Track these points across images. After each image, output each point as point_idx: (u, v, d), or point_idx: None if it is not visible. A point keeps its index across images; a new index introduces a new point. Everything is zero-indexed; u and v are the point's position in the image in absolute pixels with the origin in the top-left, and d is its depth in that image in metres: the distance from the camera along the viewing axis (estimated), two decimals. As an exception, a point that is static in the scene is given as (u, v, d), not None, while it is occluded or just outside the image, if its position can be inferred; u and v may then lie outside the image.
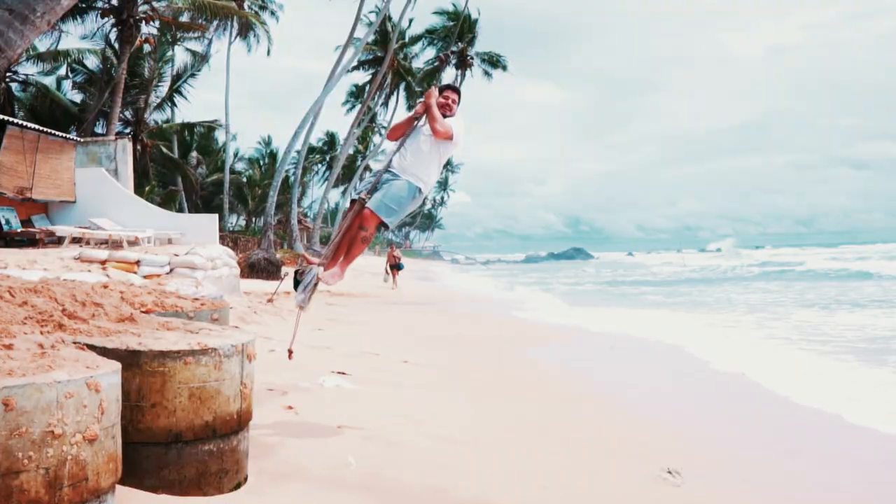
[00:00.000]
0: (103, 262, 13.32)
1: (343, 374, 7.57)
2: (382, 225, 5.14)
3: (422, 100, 5.35)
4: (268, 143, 57.71)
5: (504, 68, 43.75)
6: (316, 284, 5.22)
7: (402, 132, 5.27)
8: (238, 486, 3.73)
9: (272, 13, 41.86)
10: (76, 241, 15.17)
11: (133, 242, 15.06)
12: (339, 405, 6.01)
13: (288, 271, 6.69)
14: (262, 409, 5.54)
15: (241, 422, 3.71)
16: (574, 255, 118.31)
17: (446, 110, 5.19)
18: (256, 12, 41.18)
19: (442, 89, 5.31)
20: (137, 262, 13.54)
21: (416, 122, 5.23)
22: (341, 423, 5.30)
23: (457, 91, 5.35)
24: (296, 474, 4.10)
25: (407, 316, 16.45)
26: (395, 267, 27.46)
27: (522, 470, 4.73)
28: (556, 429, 6.06)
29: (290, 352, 5.29)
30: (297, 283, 5.33)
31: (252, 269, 22.95)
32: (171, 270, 13.87)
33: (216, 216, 17.46)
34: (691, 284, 35.34)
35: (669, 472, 4.93)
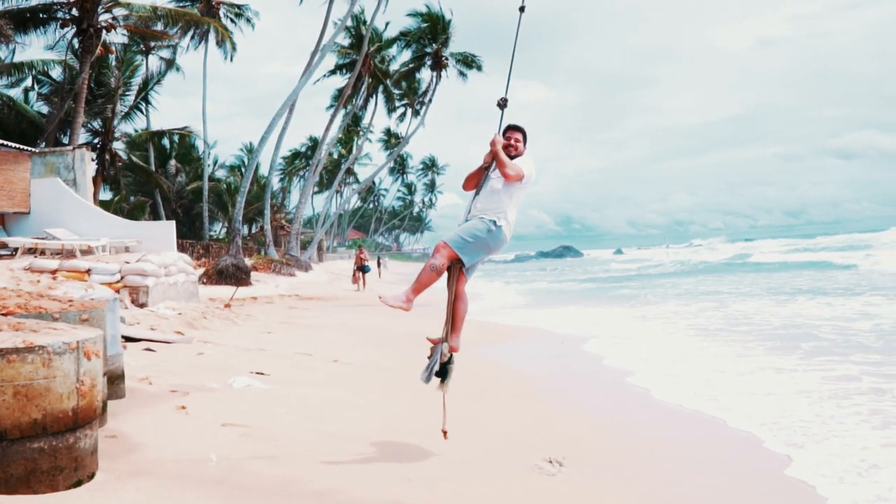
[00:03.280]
0: (54, 272, 13.31)
1: (261, 374, 7.58)
2: (459, 261, 4.97)
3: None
4: (250, 150, 57.59)
5: (479, 68, 43.77)
6: (448, 361, 5.07)
7: (474, 182, 5.15)
8: (79, 483, 3.73)
9: (248, 20, 41.82)
10: (30, 251, 15.15)
11: (86, 252, 15.04)
12: (238, 404, 6.02)
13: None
14: (150, 410, 5.58)
15: (78, 419, 3.71)
16: (563, 253, 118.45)
17: (511, 150, 5.05)
18: (232, 20, 41.21)
19: (505, 131, 5.12)
20: (88, 271, 13.53)
21: (486, 171, 5.09)
22: (227, 422, 5.31)
23: (520, 130, 5.17)
24: (150, 471, 4.11)
25: (364, 317, 16.45)
26: (362, 269, 27.46)
27: (394, 462, 4.76)
28: (451, 422, 6.09)
29: (444, 432, 4.98)
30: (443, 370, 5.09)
31: (221, 276, 22.93)
32: (122, 278, 13.88)
33: (173, 223, 17.43)
34: (648, 279, 35.83)
35: (550, 462, 4.97)
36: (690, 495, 4.55)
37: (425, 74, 45.47)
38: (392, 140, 68.75)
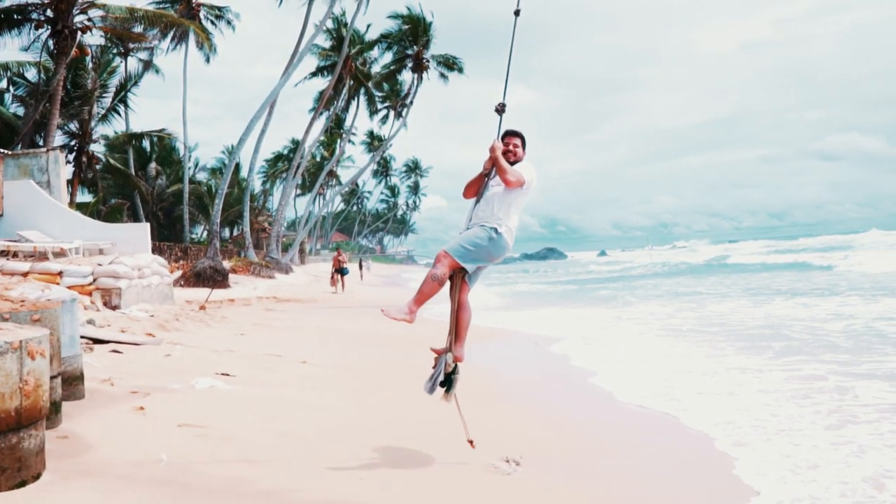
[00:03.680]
0: (25, 275, 13.19)
1: (226, 375, 7.55)
2: (461, 270, 4.95)
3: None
4: (231, 152, 57.31)
5: (460, 70, 43.85)
6: (452, 371, 5.03)
7: (475, 190, 5.12)
8: (22, 484, 3.70)
9: (228, 22, 41.67)
10: (3, 254, 15.00)
11: (59, 254, 14.91)
12: (198, 405, 5.99)
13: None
14: (108, 411, 5.54)
15: (21, 419, 3.68)
16: (547, 255, 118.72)
17: (511, 157, 5.03)
18: (212, 21, 41.05)
19: (503, 136, 5.10)
20: (60, 274, 13.43)
21: (486, 178, 5.07)
22: (184, 422, 5.28)
23: (518, 135, 5.15)
24: (98, 472, 4.08)
25: (340, 320, 16.44)
26: (340, 271, 27.45)
27: (349, 462, 4.75)
28: (414, 423, 6.10)
29: (471, 441, 4.94)
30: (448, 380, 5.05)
31: (198, 278, 22.82)
32: (95, 280, 13.78)
33: (147, 225, 17.33)
34: (629, 280, 36.15)
35: (507, 462, 4.98)
36: (635, 494, 4.57)
37: (407, 76, 45.53)
38: (375, 142, 68.78)
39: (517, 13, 5.13)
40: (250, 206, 41.97)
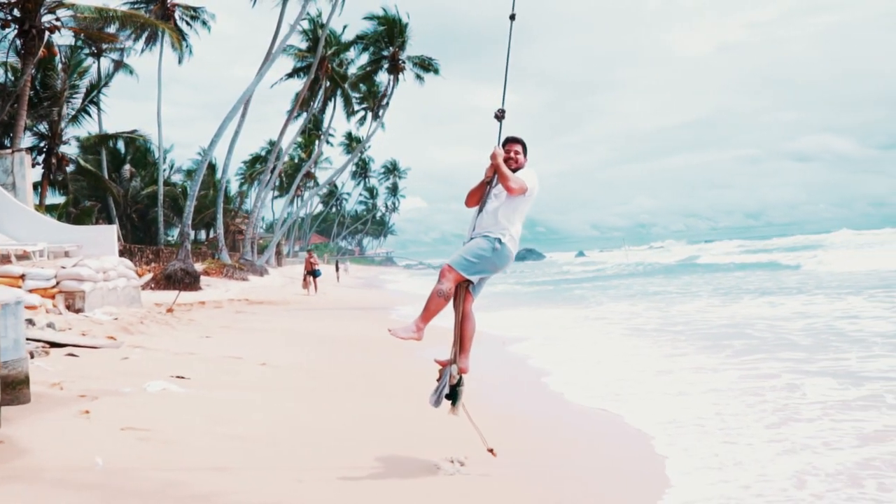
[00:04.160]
0: (-14, 277, 13.04)
1: (181, 378, 7.51)
2: (467, 281, 4.92)
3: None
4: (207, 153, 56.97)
5: (436, 72, 43.93)
6: (458, 383, 5.00)
7: (477, 198, 5.08)
8: (-55, 489, 3.67)
9: (204, 23, 41.44)
10: (-35, 257, 14.82)
11: (22, 256, 14.75)
12: (146, 408, 5.96)
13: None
14: (52, 415, 5.50)
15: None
16: (525, 256, 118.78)
17: (512, 164, 4.99)
18: (187, 22, 40.81)
19: (504, 143, 5.06)
20: (22, 277, 13.29)
21: (489, 186, 5.03)
22: (128, 426, 5.25)
23: (519, 142, 5.12)
24: (30, 477, 4.06)
25: (310, 321, 16.41)
26: (312, 273, 27.41)
27: (291, 464, 4.75)
28: (363, 424, 6.12)
29: (491, 451, 4.88)
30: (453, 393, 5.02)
31: (169, 281, 22.67)
32: (58, 283, 13.65)
33: (114, 227, 17.21)
34: (603, 281, 36.43)
35: (451, 462, 5.00)
36: (562, 492, 4.60)
37: (383, 77, 45.52)
38: (353, 143, 68.65)
39: (513, 17, 5.09)
40: (227, 208, 41.79)
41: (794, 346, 10.16)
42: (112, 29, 30.58)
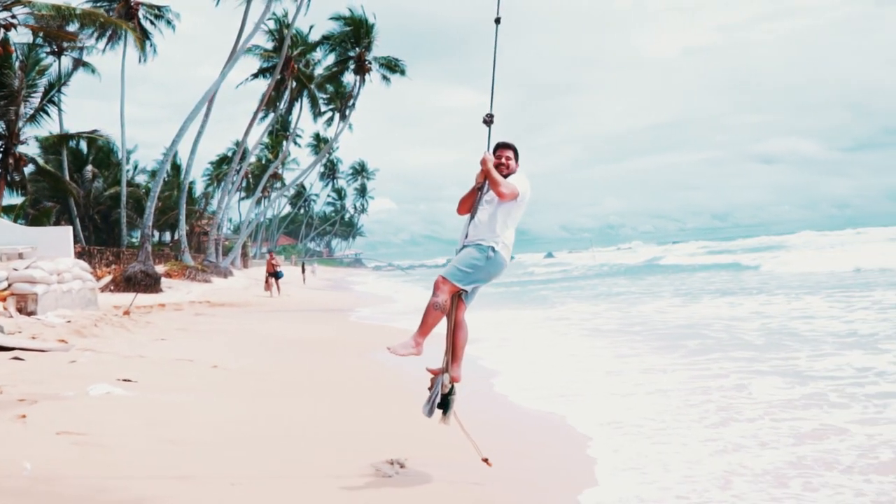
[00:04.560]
0: (-65, 280, 12.78)
1: (128, 381, 7.40)
2: (462, 291, 4.88)
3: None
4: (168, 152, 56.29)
5: (402, 73, 43.90)
6: (449, 392, 4.93)
7: (469, 205, 5.02)
8: None
9: (168, 22, 40.98)
10: (-86, 259, 14.51)
11: (-27, 258, 14.47)
12: (85, 412, 5.86)
13: None
14: (-13, 420, 5.38)
15: None
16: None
17: (503, 169, 4.94)
18: (151, 21, 40.35)
19: (495, 149, 5.01)
20: (-28, 279, 13.04)
21: (480, 192, 4.98)
22: (64, 430, 5.16)
23: (510, 147, 5.07)
24: (-48, 483, 3.96)
25: (271, 323, 16.32)
26: (274, 275, 27.30)
27: (227, 467, 4.71)
28: (307, 426, 6.09)
29: (486, 460, 4.83)
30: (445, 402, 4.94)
31: (129, 283, 22.38)
32: (10, 285, 13.40)
33: (69, 228, 16.94)
34: (569, 282, 36.86)
35: (391, 464, 4.98)
36: (492, 495, 4.62)
37: (350, 78, 45.38)
38: (321, 144, 68.37)
39: (498, 21, 5.05)
40: (191, 209, 41.36)
41: (747, 346, 10.31)
42: (73, 28, 30.14)
